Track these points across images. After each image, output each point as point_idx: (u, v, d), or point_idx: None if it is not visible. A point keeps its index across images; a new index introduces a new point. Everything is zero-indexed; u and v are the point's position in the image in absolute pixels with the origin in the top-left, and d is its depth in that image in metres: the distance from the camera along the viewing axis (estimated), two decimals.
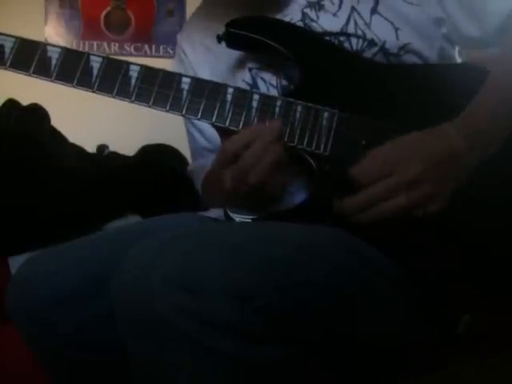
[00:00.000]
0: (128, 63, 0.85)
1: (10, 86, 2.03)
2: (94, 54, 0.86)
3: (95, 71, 0.85)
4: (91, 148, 2.14)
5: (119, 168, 2.00)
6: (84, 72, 0.85)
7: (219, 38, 0.91)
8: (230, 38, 0.91)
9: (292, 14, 0.96)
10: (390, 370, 0.88)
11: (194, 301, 0.65)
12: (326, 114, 0.85)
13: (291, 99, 0.86)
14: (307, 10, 0.96)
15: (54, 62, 0.86)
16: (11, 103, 1.85)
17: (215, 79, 0.89)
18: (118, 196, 1.87)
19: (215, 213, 1.05)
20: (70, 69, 0.86)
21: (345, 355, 0.84)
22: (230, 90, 0.85)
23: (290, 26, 0.94)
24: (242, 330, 0.66)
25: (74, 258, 0.91)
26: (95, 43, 3.02)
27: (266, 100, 0.85)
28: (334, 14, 0.94)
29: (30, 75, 0.87)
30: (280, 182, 0.84)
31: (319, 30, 0.94)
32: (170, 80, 0.84)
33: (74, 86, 0.86)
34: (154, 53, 3.08)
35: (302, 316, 0.74)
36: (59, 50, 0.86)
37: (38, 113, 1.88)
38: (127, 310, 0.70)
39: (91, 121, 2.75)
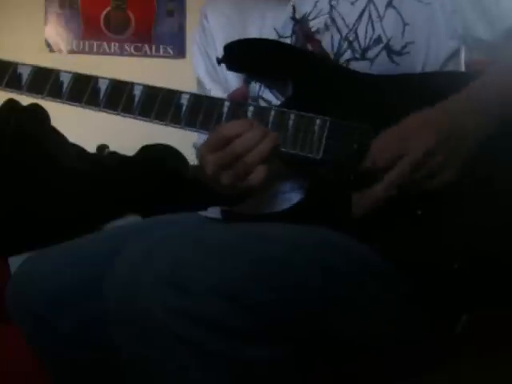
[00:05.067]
0: (133, 83, 0.90)
1: None
2: (100, 77, 0.91)
3: (102, 93, 0.91)
4: (91, 148, 2.14)
5: (119, 168, 2.01)
6: (92, 95, 0.91)
7: (219, 61, 0.97)
8: (229, 61, 0.96)
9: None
10: (389, 369, 0.88)
11: (183, 299, 0.65)
12: (318, 121, 0.87)
13: (284, 109, 0.89)
14: None
15: (65, 85, 0.92)
16: (11, 103, 1.85)
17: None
18: (118, 196, 1.87)
19: (214, 213, 1.05)
20: (80, 91, 0.92)
21: (338, 355, 0.84)
22: (227, 104, 0.89)
23: (285, 47, 0.97)
24: (230, 329, 0.67)
25: (73, 258, 0.91)
26: (95, 43, 3.02)
27: (260, 111, 0.89)
28: (352, 3, 0.96)
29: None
30: (270, 175, 0.83)
31: (338, 17, 0.96)
32: (170, 97, 0.89)
33: (81, 106, 0.91)
34: (153, 53, 3.09)
35: (291, 316, 0.74)
36: (70, 75, 0.92)
37: (38, 113, 1.88)
38: (118, 308, 0.70)
39: (91, 121, 2.74)
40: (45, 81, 0.91)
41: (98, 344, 0.87)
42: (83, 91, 0.90)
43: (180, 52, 3.10)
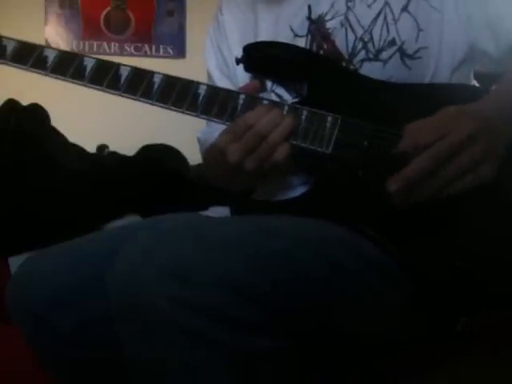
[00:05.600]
0: (153, 72, 0.95)
1: (10, 86, 2.03)
2: (122, 64, 0.95)
3: (123, 78, 0.94)
4: (91, 148, 2.14)
5: (119, 168, 2.01)
6: (113, 79, 0.94)
7: (237, 61, 1.00)
8: (247, 62, 0.99)
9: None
10: (389, 368, 0.88)
11: (186, 289, 0.65)
12: (329, 118, 0.89)
13: (298, 105, 0.90)
14: None
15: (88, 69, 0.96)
16: (11, 103, 1.85)
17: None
18: (118, 196, 1.87)
19: (215, 212, 1.06)
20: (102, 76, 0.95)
21: (338, 351, 0.84)
22: (242, 96, 0.92)
23: (304, 51, 0.99)
24: (233, 320, 0.67)
25: (73, 258, 0.91)
26: (95, 43, 3.02)
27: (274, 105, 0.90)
28: (369, 6, 0.98)
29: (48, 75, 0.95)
30: (288, 158, 0.85)
31: (353, 18, 0.98)
32: (188, 86, 0.93)
33: (102, 89, 0.95)
34: (153, 53, 3.09)
35: (296, 308, 0.74)
36: (94, 60, 0.96)
37: (38, 113, 1.88)
38: (119, 306, 0.70)
39: (91, 121, 2.75)
40: (69, 64, 0.95)
41: (98, 344, 0.87)
42: (105, 75, 0.94)
43: (180, 52, 3.10)
